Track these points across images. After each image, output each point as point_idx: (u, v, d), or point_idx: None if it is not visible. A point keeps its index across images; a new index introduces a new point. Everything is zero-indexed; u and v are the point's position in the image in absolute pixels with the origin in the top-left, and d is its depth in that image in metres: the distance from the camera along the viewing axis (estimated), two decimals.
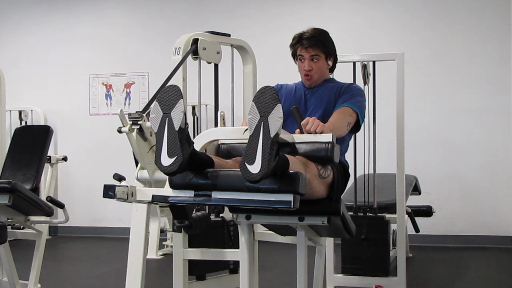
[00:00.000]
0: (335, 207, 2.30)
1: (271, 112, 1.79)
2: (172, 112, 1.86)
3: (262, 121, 1.79)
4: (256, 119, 1.80)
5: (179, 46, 2.71)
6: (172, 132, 1.84)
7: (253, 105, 1.82)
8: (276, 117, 1.79)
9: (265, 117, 1.79)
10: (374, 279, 3.72)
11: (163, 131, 1.86)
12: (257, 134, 1.78)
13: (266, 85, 1.89)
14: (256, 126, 1.80)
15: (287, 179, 1.86)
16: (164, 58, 3.42)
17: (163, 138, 1.85)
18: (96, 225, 6.37)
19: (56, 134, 6.23)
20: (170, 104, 1.87)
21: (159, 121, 1.87)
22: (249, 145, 1.79)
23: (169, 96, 1.88)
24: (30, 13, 6.72)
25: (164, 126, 1.85)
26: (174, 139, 1.84)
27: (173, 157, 1.83)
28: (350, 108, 2.61)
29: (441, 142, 5.57)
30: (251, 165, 1.76)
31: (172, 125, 1.85)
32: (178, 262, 2.72)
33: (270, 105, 1.80)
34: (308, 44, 2.68)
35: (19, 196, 3.08)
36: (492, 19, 5.49)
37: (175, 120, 1.85)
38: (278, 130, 1.80)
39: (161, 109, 1.87)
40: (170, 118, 1.85)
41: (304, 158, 2.17)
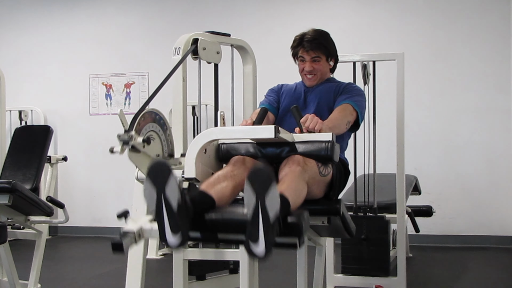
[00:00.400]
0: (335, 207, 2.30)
1: (267, 193, 1.74)
2: (167, 190, 1.80)
3: (260, 202, 1.75)
4: (253, 201, 1.76)
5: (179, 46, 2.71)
6: (171, 211, 1.81)
7: (247, 184, 1.77)
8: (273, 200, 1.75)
9: (262, 198, 1.75)
10: (374, 279, 3.72)
11: (161, 211, 1.82)
12: (256, 216, 1.76)
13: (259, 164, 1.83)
14: (254, 208, 1.76)
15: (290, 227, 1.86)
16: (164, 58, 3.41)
17: (163, 217, 1.82)
18: (96, 225, 6.38)
19: (56, 134, 6.24)
20: (162, 181, 1.81)
21: (155, 200, 1.82)
22: (250, 224, 1.77)
23: (159, 172, 1.82)
24: (30, 13, 6.72)
25: (161, 206, 1.81)
26: (174, 217, 1.81)
27: (177, 233, 1.82)
28: (351, 106, 2.61)
29: (441, 142, 5.57)
30: (255, 243, 1.76)
31: (169, 204, 1.81)
32: (178, 262, 2.71)
33: (265, 185, 1.75)
34: (310, 46, 2.68)
35: (19, 196, 3.08)
36: (492, 19, 5.49)
37: (172, 199, 1.81)
38: (277, 210, 1.76)
39: (154, 187, 1.81)
40: (166, 196, 1.80)
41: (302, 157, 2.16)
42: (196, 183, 2.21)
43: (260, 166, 1.79)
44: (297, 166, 2.11)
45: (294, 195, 1.97)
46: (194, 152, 2.14)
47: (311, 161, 2.19)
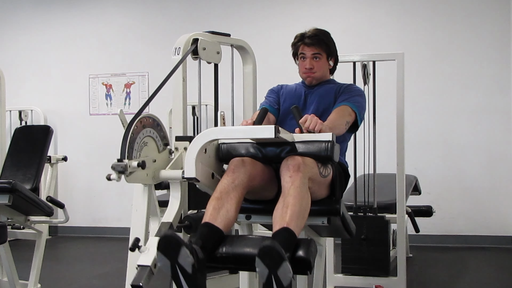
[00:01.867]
0: (335, 207, 2.30)
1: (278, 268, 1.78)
2: (179, 260, 1.86)
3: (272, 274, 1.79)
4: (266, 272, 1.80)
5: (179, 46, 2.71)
6: (187, 275, 1.87)
7: (258, 260, 1.81)
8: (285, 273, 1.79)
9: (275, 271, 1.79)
10: (374, 279, 3.72)
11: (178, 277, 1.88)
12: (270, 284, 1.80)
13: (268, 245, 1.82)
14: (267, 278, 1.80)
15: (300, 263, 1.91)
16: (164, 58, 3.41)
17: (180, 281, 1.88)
18: (96, 225, 6.38)
19: (56, 134, 6.24)
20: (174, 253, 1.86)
21: (170, 269, 1.88)
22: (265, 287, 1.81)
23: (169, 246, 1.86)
24: (30, 13, 6.72)
25: (177, 273, 1.87)
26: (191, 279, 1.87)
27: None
28: (349, 107, 2.61)
29: (441, 142, 5.57)
30: None
31: (185, 270, 1.87)
32: None
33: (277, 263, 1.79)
34: (311, 41, 2.69)
35: (19, 196, 3.08)
36: (492, 19, 5.49)
37: (186, 266, 1.86)
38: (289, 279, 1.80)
39: (167, 259, 1.87)
40: (179, 265, 1.86)
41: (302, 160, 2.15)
42: (196, 182, 2.21)
43: (268, 245, 1.81)
44: (297, 174, 2.10)
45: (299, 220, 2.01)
46: (194, 152, 2.13)
47: (311, 161, 2.18)
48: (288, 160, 2.16)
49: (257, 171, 2.22)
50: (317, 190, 2.24)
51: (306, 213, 2.09)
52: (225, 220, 2.09)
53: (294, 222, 1.98)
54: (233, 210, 2.12)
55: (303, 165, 2.13)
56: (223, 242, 2.04)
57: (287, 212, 2.01)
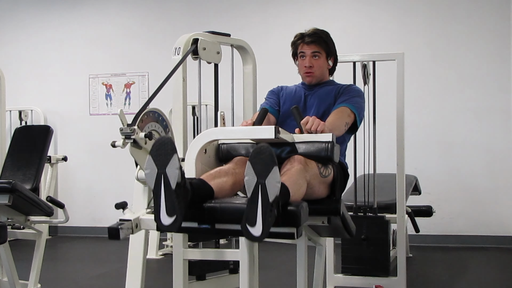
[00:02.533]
0: (335, 207, 2.30)
1: (268, 175, 1.76)
2: (167, 169, 1.81)
3: (260, 184, 1.76)
4: (254, 182, 1.77)
5: (179, 46, 2.71)
6: (169, 190, 1.81)
7: (249, 165, 1.79)
8: (273, 182, 1.77)
9: (263, 180, 1.76)
10: (374, 279, 3.72)
11: (160, 189, 1.82)
12: (256, 197, 1.77)
13: (262, 145, 1.83)
14: (254, 189, 1.77)
15: (289, 215, 1.87)
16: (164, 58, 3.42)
17: (160, 196, 1.81)
18: (96, 225, 6.37)
19: (56, 134, 6.24)
20: (165, 159, 1.82)
21: (155, 178, 1.82)
22: (249, 206, 1.78)
23: (163, 150, 1.83)
24: (30, 13, 6.72)
25: (160, 185, 1.81)
26: (172, 197, 1.81)
27: (172, 216, 1.81)
28: (348, 109, 2.62)
29: (441, 142, 5.57)
30: (252, 227, 1.76)
31: (168, 183, 1.81)
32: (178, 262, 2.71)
33: (267, 167, 1.77)
34: (310, 39, 2.70)
35: (19, 196, 3.08)
36: (492, 19, 5.49)
37: (171, 178, 1.81)
38: (277, 193, 1.78)
39: (156, 164, 1.82)
40: (165, 175, 1.81)
41: (303, 158, 2.16)
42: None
43: (263, 147, 1.81)
44: (298, 164, 2.11)
45: (294, 187, 1.98)
46: (194, 152, 2.14)
47: (311, 162, 2.19)
48: (290, 159, 2.17)
49: None
50: (317, 190, 2.25)
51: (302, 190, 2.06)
52: (219, 186, 2.06)
53: (290, 184, 1.94)
54: (229, 184, 2.10)
55: (304, 163, 2.15)
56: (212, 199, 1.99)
57: (283, 177, 2.00)
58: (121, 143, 2.19)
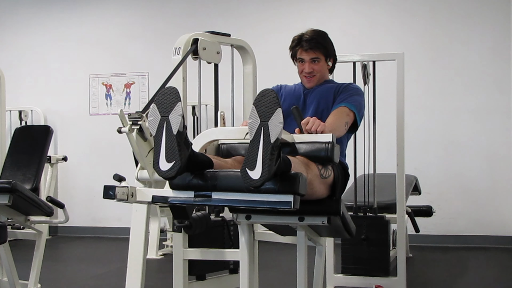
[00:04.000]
0: (335, 207, 2.30)
1: (271, 116, 1.77)
2: (170, 115, 1.84)
3: (262, 125, 1.77)
4: (257, 124, 1.78)
5: (179, 46, 2.71)
6: (170, 136, 1.83)
7: (253, 109, 1.80)
8: (276, 122, 1.78)
9: (265, 121, 1.77)
10: (374, 279, 3.72)
11: (161, 135, 1.84)
12: (258, 139, 1.77)
13: (266, 88, 1.86)
14: (256, 131, 1.78)
15: (287, 180, 1.86)
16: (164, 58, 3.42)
17: (161, 142, 1.84)
18: (96, 225, 6.37)
19: (56, 134, 6.23)
20: (168, 107, 1.85)
21: (157, 124, 1.85)
22: (249, 150, 1.78)
23: (167, 98, 1.86)
24: (31, 13, 6.72)
25: (162, 130, 1.84)
26: (172, 143, 1.82)
27: (171, 162, 1.82)
28: (347, 108, 2.61)
29: (441, 142, 5.57)
30: (252, 171, 1.75)
31: (170, 128, 1.83)
32: (178, 262, 2.72)
33: (271, 109, 1.79)
34: (308, 46, 2.68)
35: (19, 196, 3.08)
36: (492, 19, 5.49)
37: (173, 124, 1.83)
38: (279, 135, 1.78)
39: (159, 111, 1.85)
40: (168, 121, 1.84)
41: (305, 158, 2.17)
42: None
43: (267, 91, 1.82)
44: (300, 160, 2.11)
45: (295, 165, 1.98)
46: None
47: (311, 163, 2.19)
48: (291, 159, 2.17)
49: None
50: (317, 191, 2.24)
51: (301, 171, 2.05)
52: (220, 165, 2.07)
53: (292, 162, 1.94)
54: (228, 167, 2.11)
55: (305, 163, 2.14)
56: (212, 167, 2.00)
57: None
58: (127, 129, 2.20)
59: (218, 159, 2.14)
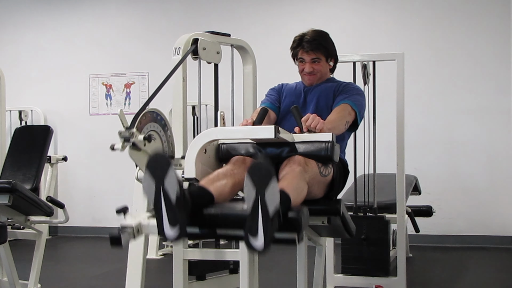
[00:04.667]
0: (335, 207, 2.30)
1: (266, 188, 1.75)
2: (165, 182, 1.80)
3: (259, 196, 1.75)
4: (253, 195, 1.76)
5: (179, 46, 2.71)
6: (170, 204, 1.81)
7: (247, 178, 1.77)
8: (273, 194, 1.76)
9: (262, 192, 1.75)
10: (374, 279, 3.72)
11: (160, 203, 1.81)
12: (256, 210, 1.75)
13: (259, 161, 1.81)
14: (253, 203, 1.76)
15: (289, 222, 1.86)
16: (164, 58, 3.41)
17: (161, 209, 1.81)
18: (96, 225, 6.37)
19: (56, 134, 6.23)
20: (161, 174, 1.81)
21: (154, 193, 1.82)
22: (250, 220, 1.77)
23: (158, 165, 1.82)
24: (30, 13, 6.72)
25: (160, 198, 1.81)
26: (173, 210, 1.81)
27: (175, 226, 1.82)
28: (350, 106, 2.62)
29: (441, 142, 5.57)
30: (254, 237, 1.75)
31: (168, 196, 1.81)
32: (178, 262, 2.71)
33: (265, 181, 1.75)
34: (309, 47, 2.68)
35: (19, 196, 3.08)
36: (492, 19, 5.49)
37: (171, 191, 1.80)
38: (277, 205, 1.77)
39: (153, 179, 1.81)
40: (164, 189, 1.80)
41: (303, 158, 2.16)
42: (196, 183, 2.21)
43: (260, 161, 1.80)
44: (297, 166, 2.11)
45: (295, 192, 1.97)
46: (194, 152, 2.14)
47: (311, 161, 2.19)
48: (290, 159, 2.17)
49: None
50: (316, 189, 2.25)
51: (302, 195, 2.05)
52: (219, 190, 2.05)
53: (290, 190, 1.93)
54: (229, 187, 2.10)
55: (304, 163, 2.14)
56: (212, 205, 1.99)
57: (283, 182, 1.99)
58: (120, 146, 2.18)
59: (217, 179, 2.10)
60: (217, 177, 2.12)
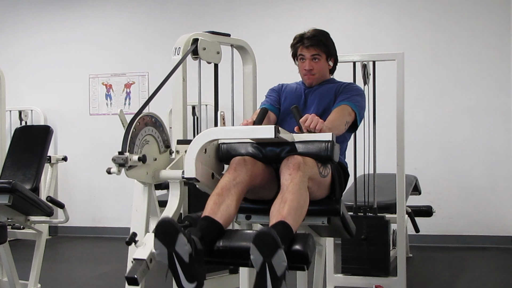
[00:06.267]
0: (335, 207, 2.30)
1: (273, 255, 1.78)
2: (177, 248, 1.84)
3: (266, 262, 1.79)
4: (260, 261, 1.80)
5: (179, 46, 2.71)
6: (184, 264, 1.85)
7: (253, 247, 1.80)
8: (280, 262, 1.79)
9: (269, 259, 1.78)
10: (374, 279, 3.72)
11: (175, 266, 1.85)
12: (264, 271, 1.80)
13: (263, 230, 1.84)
14: (261, 268, 1.80)
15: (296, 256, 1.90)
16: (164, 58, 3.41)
17: (177, 271, 1.85)
18: (96, 225, 6.38)
19: (56, 134, 6.24)
20: (171, 240, 1.84)
21: (167, 257, 1.85)
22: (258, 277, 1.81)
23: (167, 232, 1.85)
24: (30, 13, 6.72)
25: (174, 262, 1.85)
26: (188, 269, 1.85)
27: (193, 283, 1.86)
28: (349, 107, 2.62)
29: (441, 142, 5.57)
30: None
31: (182, 259, 1.84)
32: None
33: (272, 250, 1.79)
34: (309, 43, 2.69)
35: (19, 196, 3.08)
36: (492, 19, 5.49)
37: (183, 254, 1.84)
38: (284, 270, 1.80)
39: (164, 246, 1.85)
40: (177, 253, 1.84)
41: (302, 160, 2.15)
42: (196, 182, 2.21)
43: (264, 231, 1.82)
44: (297, 172, 2.10)
45: (296, 216, 2.00)
46: (194, 152, 2.13)
47: (311, 161, 2.18)
48: (288, 160, 2.16)
49: (258, 171, 2.22)
50: (316, 190, 2.24)
51: (304, 210, 2.08)
52: (225, 214, 2.08)
53: (292, 217, 1.97)
54: (233, 206, 2.12)
55: (303, 164, 2.13)
56: (222, 236, 2.04)
57: (284, 207, 2.00)
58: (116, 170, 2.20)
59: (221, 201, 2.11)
60: (221, 196, 2.12)
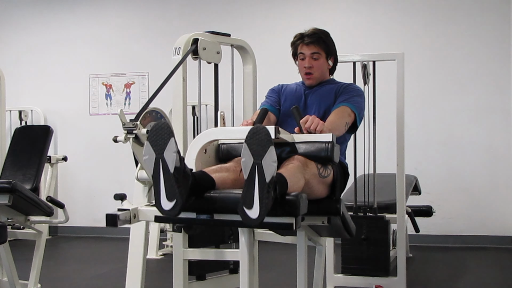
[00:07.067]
0: (335, 207, 2.30)
1: (264, 155, 1.77)
2: (165, 153, 1.82)
3: (256, 164, 1.77)
4: (250, 163, 1.78)
5: (179, 46, 2.71)
6: (168, 175, 1.82)
7: (245, 147, 1.79)
8: (270, 161, 1.77)
9: (259, 160, 1.77)
10: (374, 279, 3.72)
11: (159, 174, 1.83)
12: (252, 178, 1.77)
13: (258, 125, 1.84)
14: (250, 170, 1.78)
15: (287, 204, 1.86)
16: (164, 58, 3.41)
17: (159, 181, 1.82)
18: (96, 225, 6.37)
19: (56, 134, 6.24)
20: (162, 144, 1.82)
21: (153, 163, 1.83)
22: (246, 189, 1.78)
23: (160, 135, 1.83)
24: (30, 13, 6.72)
25: (159, 169, 1.82)
26: (171, 181, 1.82)
27: (172, 201, 1.82)
28: (349, 108, 2.61)
29: (441, 142, 5.57)
30: (249, 210, 1.76)
31: (167, 167, 1.81)
32: (178, 262, 2.72)
33: (263, 148, 1.77)
34: (309, 40, 2.70)
35: (19, 196, 3.08)
36: (492, 19, 5.49)
37: (169, 162, 1.82)
38: (273, 173, 1.78)
39: (153, 150, 1.83)
40: (163, 159, 1.82)
41: (303, 157, 2.16)
42: None
43: (259, 127, 1.81)
44: (297, 162, 2.12)
45: (293, 179, 1.98)
46: (194, 152, 2.14)
47: (311, 162, 2.19)
48: (289, 159, 2.17)
49: None
50: (316, 190, 2.24)
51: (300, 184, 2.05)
52: (221, 179, 2.07)
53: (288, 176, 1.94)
54: (230, 180, 2.10)
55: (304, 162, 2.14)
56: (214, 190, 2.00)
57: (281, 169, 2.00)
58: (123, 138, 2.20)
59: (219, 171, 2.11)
60: (220, 169, 2.14)
